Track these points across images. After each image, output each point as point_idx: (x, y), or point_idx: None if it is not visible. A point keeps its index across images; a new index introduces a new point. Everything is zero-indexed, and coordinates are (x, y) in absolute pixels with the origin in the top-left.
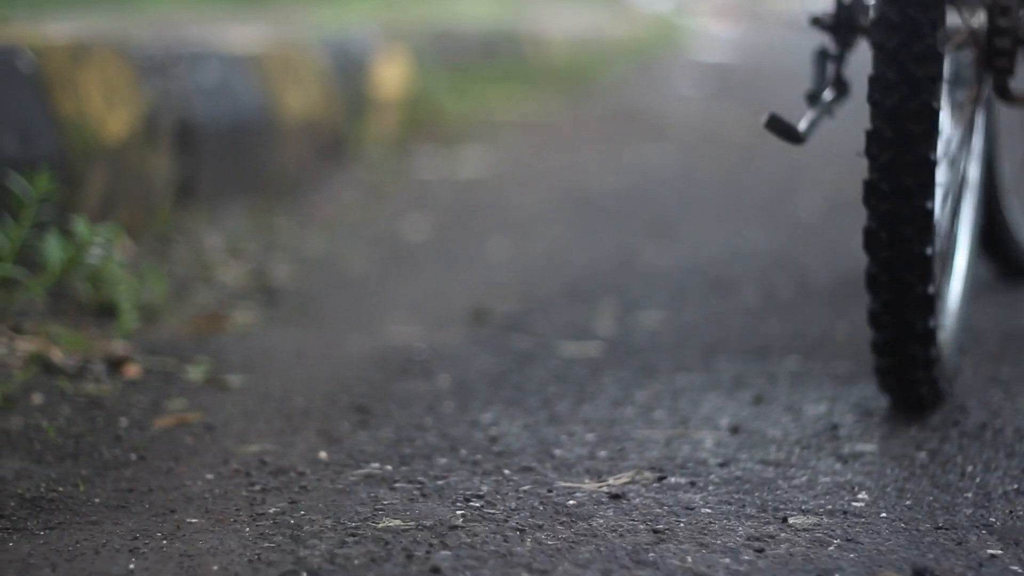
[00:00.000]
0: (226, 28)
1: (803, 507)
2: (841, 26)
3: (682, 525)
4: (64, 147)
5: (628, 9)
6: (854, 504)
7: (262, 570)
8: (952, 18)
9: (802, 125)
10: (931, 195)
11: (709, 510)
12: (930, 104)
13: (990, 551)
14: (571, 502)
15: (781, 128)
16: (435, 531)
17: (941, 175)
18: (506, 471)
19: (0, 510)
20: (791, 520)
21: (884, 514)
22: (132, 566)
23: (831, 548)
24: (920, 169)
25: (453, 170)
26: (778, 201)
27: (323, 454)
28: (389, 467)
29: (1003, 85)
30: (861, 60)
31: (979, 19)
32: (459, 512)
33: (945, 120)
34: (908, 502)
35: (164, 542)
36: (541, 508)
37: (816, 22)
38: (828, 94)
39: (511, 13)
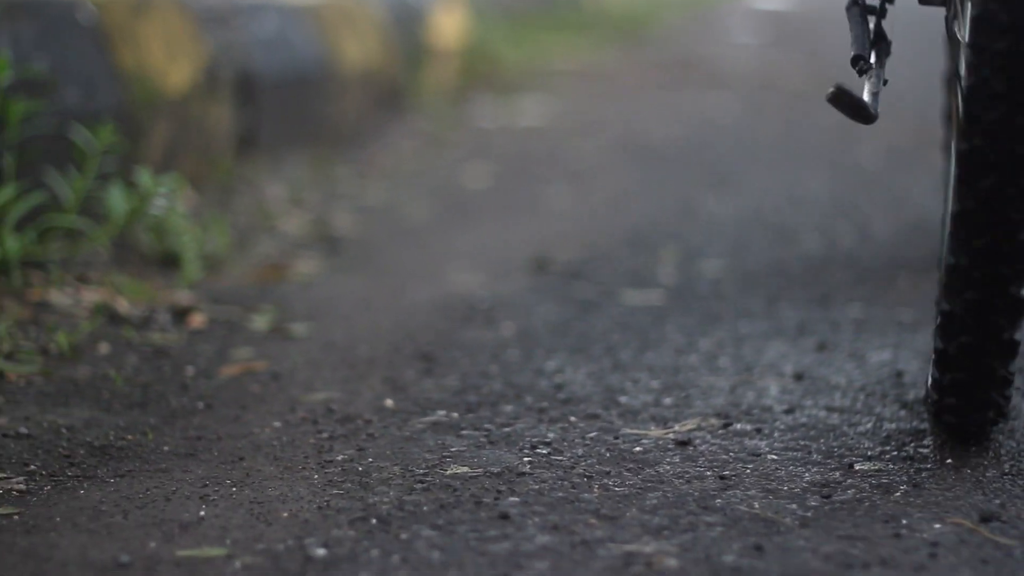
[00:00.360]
0: None
1: (868, 453)
2: None
3: (748, 471)
4: (126, 99)
5: None
6: (920, 450)
7: (332, 517)
8: None
9: (865, 97)
10: None
11: (775, 456)
12: None
13: None
14: (637, 449)
15: (850, 104)
16: (503, 478)
17: None
18: (572, 418)
19: (71, 458)
20: (857, 466)
21: (950, 460)
22: (202, 513)
23: (897, 494)
24: None
25: (512, 119)
26: (839, 149)
27: (389, 402)
28: (455, 414)
29: None
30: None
31: None
32: (526, 459)
33: None
34: (973, 448)
35: (234, 489)
36: (608, 455)
37: None
38: (874, 57)
39: None
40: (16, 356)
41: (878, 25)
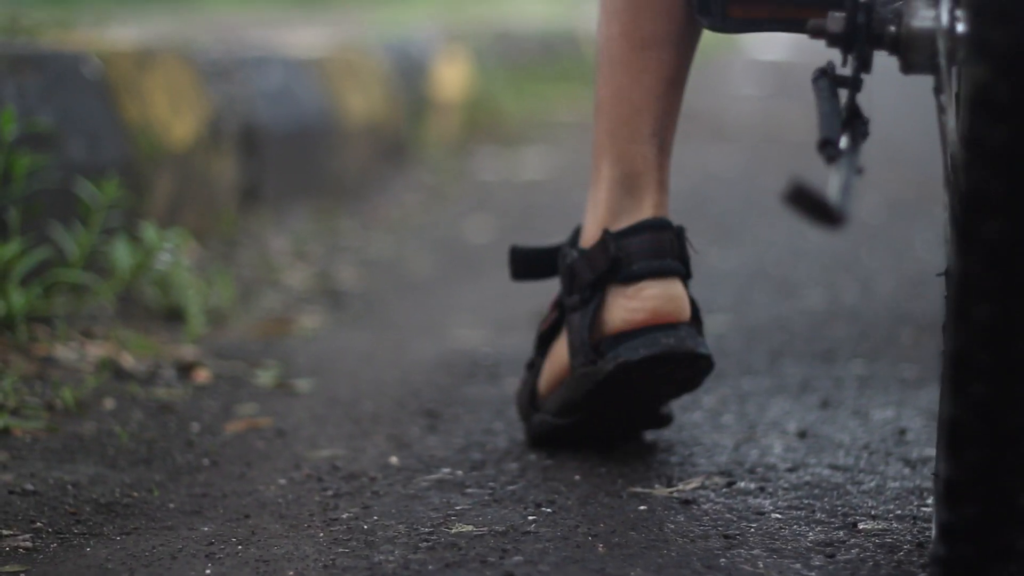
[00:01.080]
0: (288, 31)
1: (872, 512)
2: (859, 36)
3: (752, 530)
4: (131, 153)
5: None
6: (923, 509)
7: (337, 575)
8: None
9: (832, 192)
10: None
11: (779, 515)
12: None
13: None
14: (642, 507)
15: (809, 204)
16: (508, 536)
17: None
18: (576, 476)
19: (77, 515)
20: (861, 525)
21: None
22: (208, 571)
23: (901, 554)
24: None
25: (514, 171)
26: None
27: (394, 459)
28: (460, 472)
29: None
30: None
31: None
32: (531, 518)
33: None
34: None
35: (239, 547)
36: (612, 514)
37: (819, 32)
38: (846, 140)
39: (569, 12)
40: (22, 412)
41: (851, 100)
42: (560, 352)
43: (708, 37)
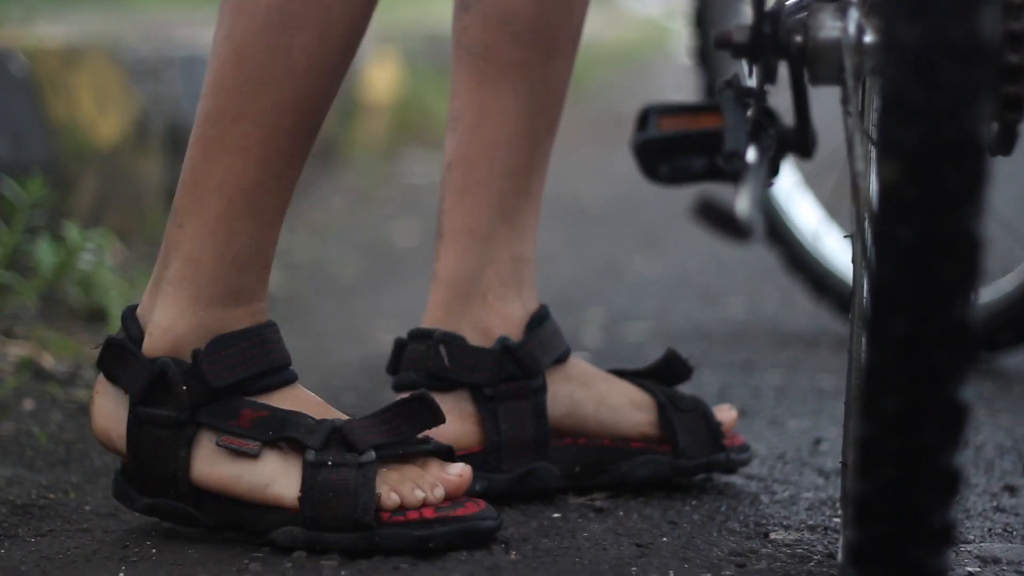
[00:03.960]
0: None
1: (785, 522)
2: (764, 47)
3: (665, 540)
4: (56, 151)
5: (619, 13)
6: (835, 520)
7: None
8: None
9: (741, 208)
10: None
11: (692, 525)
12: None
13: (968, 568)
14: (556, 515)
15: (718, 218)
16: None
17: None
18: None
19: None
20: (773, 535)
21: None
22: (122, 574)
23: (811, 564)
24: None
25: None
26: None
27: None
28: None
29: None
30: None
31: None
32: None
33: None
34: None
35: (154, 551)
36: (525, 521)
37: (724, 43)
38: (754, 154)
39: None
40: None
41: (758, 112)
42: None
43: (641, 42)
